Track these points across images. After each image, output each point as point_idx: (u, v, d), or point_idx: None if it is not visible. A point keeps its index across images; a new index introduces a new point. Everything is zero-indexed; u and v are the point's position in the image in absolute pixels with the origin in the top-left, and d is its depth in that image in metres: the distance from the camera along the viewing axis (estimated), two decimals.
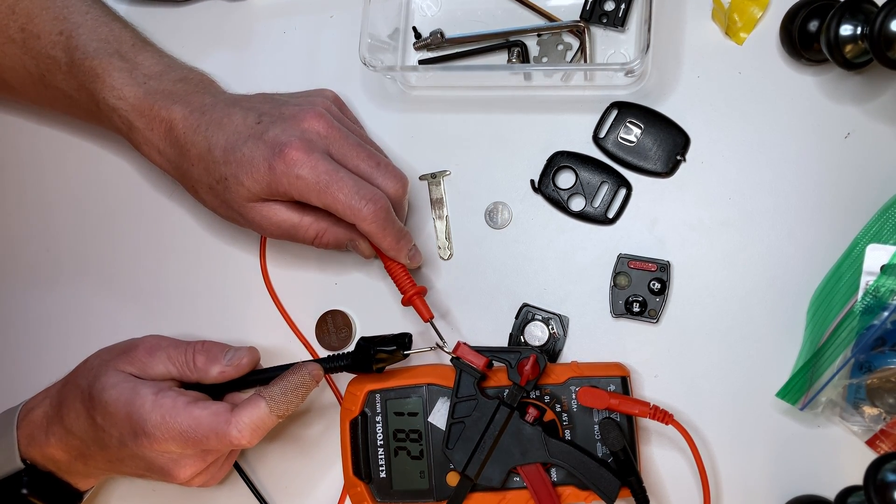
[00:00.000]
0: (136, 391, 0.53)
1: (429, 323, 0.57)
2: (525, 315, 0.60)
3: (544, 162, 0.61)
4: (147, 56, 0.59)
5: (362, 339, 0.56)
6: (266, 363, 0.58)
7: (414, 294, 0.57)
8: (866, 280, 0.53)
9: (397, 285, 0.58)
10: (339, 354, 0.57)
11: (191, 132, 0.56)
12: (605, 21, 0.60)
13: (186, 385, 0.56)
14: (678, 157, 0.59)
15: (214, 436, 0.52)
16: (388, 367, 0.57)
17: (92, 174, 0.68)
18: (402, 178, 0.57)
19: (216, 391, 0.56)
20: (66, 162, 0.68)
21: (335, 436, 0.58)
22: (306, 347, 0.63)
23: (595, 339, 0.59)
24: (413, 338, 0.57)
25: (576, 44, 0.61)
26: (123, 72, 0.57)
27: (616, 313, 0.59)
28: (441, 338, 0.57)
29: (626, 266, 0.59)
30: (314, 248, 0.58)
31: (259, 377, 0.57)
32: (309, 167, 0.53)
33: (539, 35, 0.61)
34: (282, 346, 0.63)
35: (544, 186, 0.60)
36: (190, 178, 0.57)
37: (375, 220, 0.54)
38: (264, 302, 0.63)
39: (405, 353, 0.56)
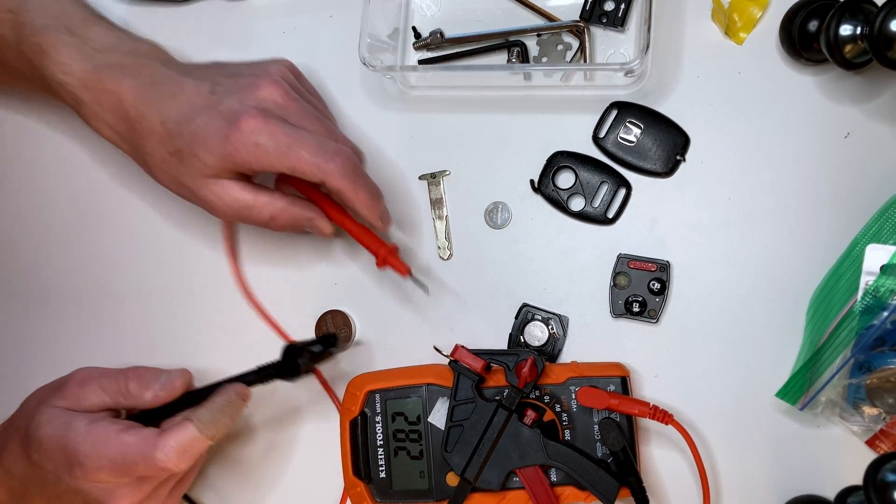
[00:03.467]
0: (69, 424, 0.52)
1: (409, 277, 0.57)
2: (525, 315, 0.60)
3: (544, 162, 0.61)
4: (97, 30, 0.57)
5: (288, 345, 0.56)
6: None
7: (388, 253, 0.56)
8: (866, 280, 0.53)
9: (368, 248, 0.57)
10: (264, 365, 0.56)
11: (142, 105, 0.54)
12: (604, 21, 0.60)
13: (132, 417, 0.55)
14: (678, 157, 0.59)
15: (142, 460, 0.51)
16: (376, 368, 0.58)
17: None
18: (358, 152, 0.57)
19: (156, 418, 0.55)
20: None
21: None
22: (281, 336, 0.63)
23: (595, 339, 0.59)
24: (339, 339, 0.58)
25: (576, 44, 0.61)
26: (71, 47, 0.56)
27: (616, 313, 0.59)
28: (424, 287, 0.57)
29: (626, 266, 0.59)
30: (274, 231, 0.57)
31: (194, 398, 0.55)
32: (267, 133, 0.51)
33: (539, 35, 0.61)
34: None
35: (544, 186, 0.60)
36: (142, 152, 0.55)
37: (345, 174, 0.52)
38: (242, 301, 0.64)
39: (332, 350, 0.56)
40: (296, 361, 0.55)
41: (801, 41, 0.56)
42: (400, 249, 0.59)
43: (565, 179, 0.60)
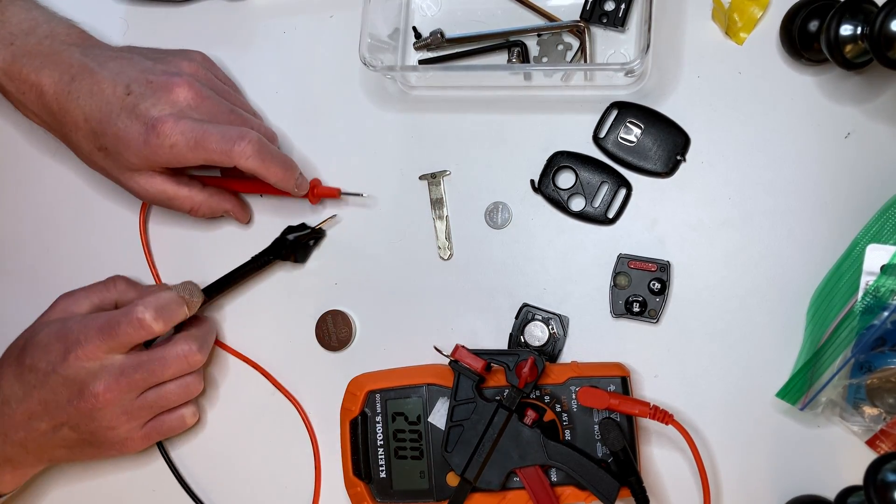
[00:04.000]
0: (65, 320, 0.57)
1: (341, 197, 0.62)
2: (525, 315, 0.60)
3: (544, 162, 0.61)
4: (14, 12, 0.58)
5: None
6: None
7: (314, 186, 0.62)
8: (866, 280, 0.53)
9: (298, 197, 0.62)
10: (259, 252, 0.62)
11: (63, 99, 0.57)
12: (605, 21, 0.60)
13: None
14: (678, 157, 0.59)
15: (125, 318, 0.55)
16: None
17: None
18: (271, 134, 0.61)
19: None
20: None
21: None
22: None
23: (595, 339, 0.59)
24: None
25: (576, 44, 0.61)
26: None
27: (616, 313, 0.59)
28: (357, 195, 0.62)
29: (626, 266, 0.59)
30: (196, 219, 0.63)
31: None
32: (178, 133, 0.55)
33: (539, 35, 0.61)
34: None
35: (544, 186, 0.60)
36: (70, 141, 0.59)
37: (253, 155, 0.56)
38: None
39: (316, 229, 0.62)
40: (285, 240, 0.61)
41: (801, 41, 0.56)
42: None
43: (565, 179, 0.60)
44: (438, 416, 0.56)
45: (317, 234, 0.62)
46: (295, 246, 0.61)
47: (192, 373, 0.60)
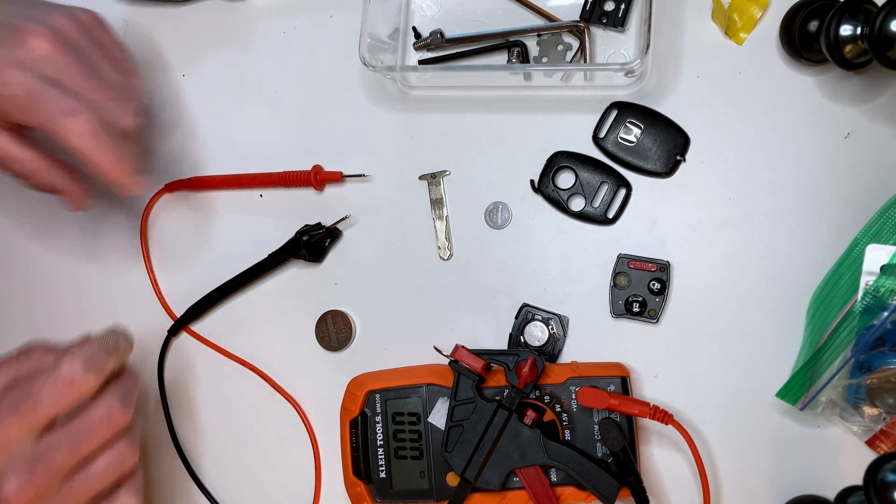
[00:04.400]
0: None
1: (344, 180, 0.62)
2: (525, 315, 0.60)
3: (544, 162, 0.61)
4: None
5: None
6: None
7: (317, 172, 0.62)
8: (866, 280, 0.53)
9: (303, 185, 0.63)
10: (275, 251, 0.62)
11: None
12: (605, 21, 0.60)
13: None
14: (678, 157, 0.59)
15: (47, 382, 0.45)
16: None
17: None
18: (130, 120, 0.54)
19: None
20: None
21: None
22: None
23: (595, 339, 0.59)
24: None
25: (576, 44, 0.61)
26: None
27: (616, 313, 0.59)
28: (361, 176, 0.62)
29: (626, 266, 0.59)
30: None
31: None
32: (16, 84, 0.49)
33: (539, 35, 0.61)
34: None
35: (544, 186, 0.60)
36: None
37: (84, 135, 0.50)
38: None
39: (330, 230, 0.62)
40: (300, 240, 0.61)
41: (801, 41, 0.56)
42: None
43: (565, 179, 0.60)
44: (438, 416, 0.56)
45: (332, 234, 0.62)
46: (310, 245, 0.61)
47: (122, 440, 0.48)
